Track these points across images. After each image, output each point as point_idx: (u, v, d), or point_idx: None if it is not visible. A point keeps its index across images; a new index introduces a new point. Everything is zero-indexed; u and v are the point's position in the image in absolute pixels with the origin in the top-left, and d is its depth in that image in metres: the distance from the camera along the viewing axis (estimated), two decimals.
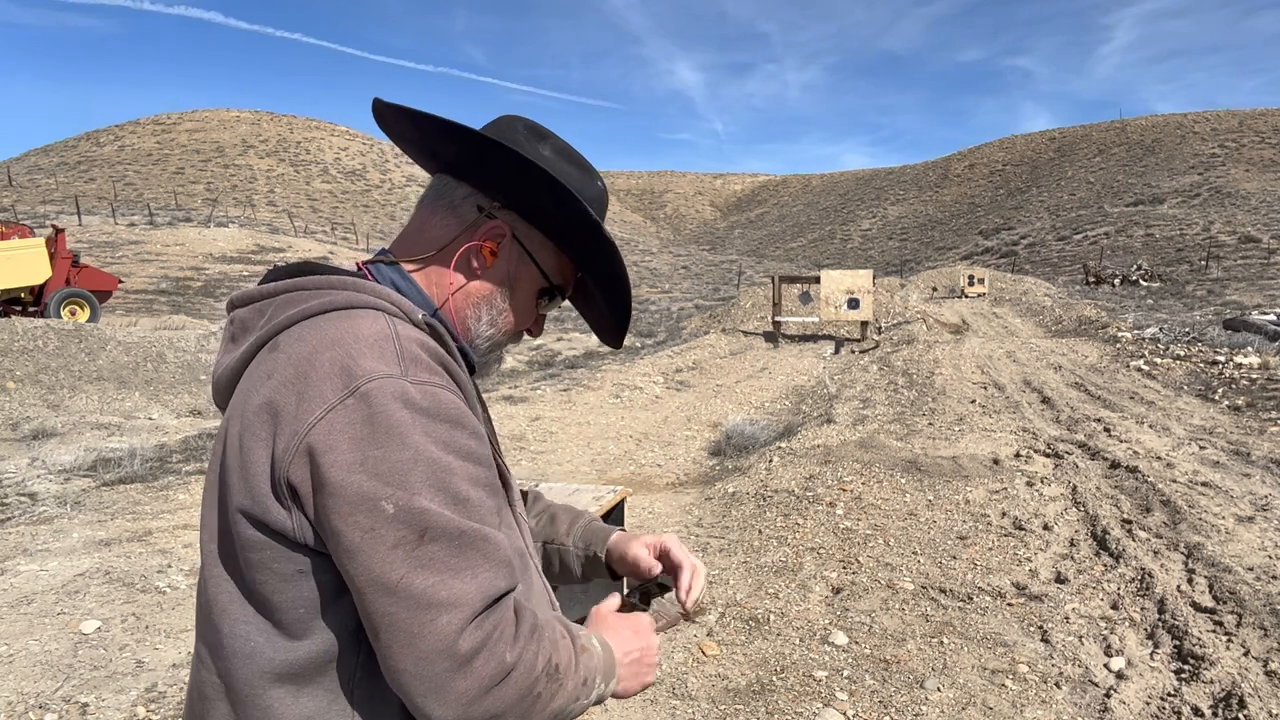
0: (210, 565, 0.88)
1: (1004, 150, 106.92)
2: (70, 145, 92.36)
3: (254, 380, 0.86)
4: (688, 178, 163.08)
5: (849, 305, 17.31)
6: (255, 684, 0.84)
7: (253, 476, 0.82)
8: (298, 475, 0.79)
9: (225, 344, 0.96)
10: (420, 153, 1.06)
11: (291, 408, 0.80)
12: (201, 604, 0.90)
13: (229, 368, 0.93)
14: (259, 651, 0.84)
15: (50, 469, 6.90)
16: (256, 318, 0.93)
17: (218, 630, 0.86)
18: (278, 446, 0.80)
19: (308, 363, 0.82)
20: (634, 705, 3.17)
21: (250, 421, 0.83)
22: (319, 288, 0.91)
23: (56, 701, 3.13)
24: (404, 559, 0.78)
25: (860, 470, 6.25)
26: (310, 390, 0.80)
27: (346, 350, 0.82)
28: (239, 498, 0.82)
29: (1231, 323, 17.90)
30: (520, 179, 0.97)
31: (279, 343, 0.87)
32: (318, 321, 0.87)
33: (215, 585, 0.87)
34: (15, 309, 15.10)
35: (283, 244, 37.61)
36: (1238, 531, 4.86)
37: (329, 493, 0.78)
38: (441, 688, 0.78)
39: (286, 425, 0.80)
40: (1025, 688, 3.24)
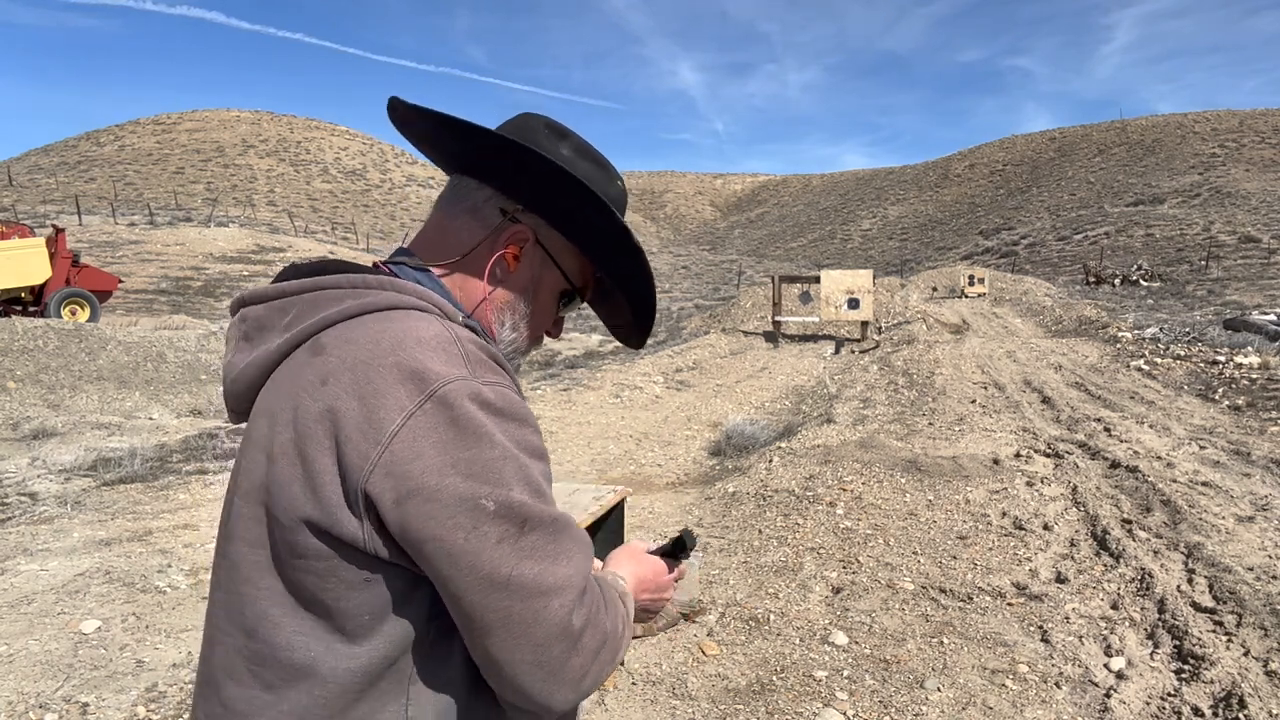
0: (256, 578, 0.84)
1: (1004, 150, 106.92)
2: (70, 145, 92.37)
3: (301, 384, 0.83)
4: (688, 177, 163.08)
5: (849, 305, 17.31)
6: (313, 695, 0.82)
7: (321, 487, 0.79)
8: (378, 487, 0.77)
9: (236, 344, 0.93)
10: (439, 153, 1.04)
11: (359, 416, 0.78)
12: (242, 619, 0.85)
13: (252, 368, 0.89)
14: (320, 660, 0.82)
15: (50, 469, 6.90)
16: (276, 317, 0.90)
17: (270, 643, 0.83)
18: (350, 457, 0.78)
19: (370, 368, 0.80)
20: (634, 705, 3.17)
21: (309, 430, 0.80)
22: (354, 286, 0.88)
23: (57, 701, 3.13)
24: (510, 552, 0.79)
25: (860, 470, 6.25)
26: (381, 398, 0.78)
27: (411, 354, 0.80)
28: (304, 508, 0.80)
29: (1232, 323, 17.90)
30: (546, 183, 0.96)
31: (323, 345, 0.84)
32: (365, 323, 0.84)
33: (266, 599, 0.83)
34: (15, 309, 15.10)
35: (283, 244, 37.61)
36: (1238, 531, 4.86)
37: (424, 499, 0.77)
38: (559, 670, 0.81)
39: (358, 434, 0.78)
40: (1025, 688, 3.24)
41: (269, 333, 0.90)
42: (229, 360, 0.93)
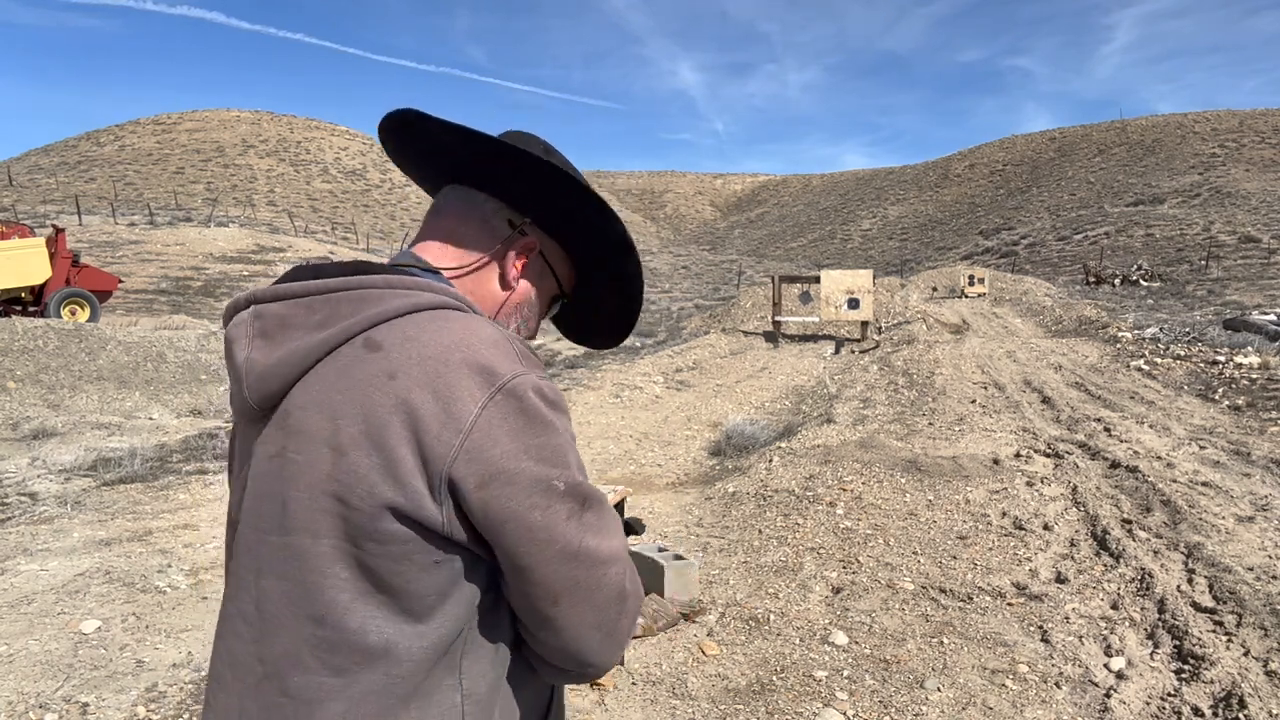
0: (324, 567, 0.86)
1: (1004, 150, 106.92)
2: (70, 145, 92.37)
3: (363, 379, 0.86)
4: (688, 177, 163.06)
5: (849, 305, 17.31)
6: (386, 674, 0.86)
7: (403, 475, 0.83)
8: (461, 472, 0.83)
9: (252, 341, 0.93)
10: (445, 165, 1.07)
11: (436, 408, 0.83)
12: (309, 608, 0.86)
13: (288, 364, 0.90)
14: (393, 641, 0.86)
15: (50, 469, 6.90)
16: (303, 314, 0.91)
17: (342, 629, 0.85)
18: (432, 446, 0.83)
19: (440, 363, 0.85)
20: (634, 705, 3.17)
21: (385, 421, 0.83)
22: (393, 287, 0.91)
23: (57, 701, 3.13)
24: (577, 527, 0.88)
25: (860, 470, 6.25)
26: (455, 390, 0.84)
27: (476, 351, 0.87)
28: (386, 495, 0.83)
29: (1231, 323, 17.90)
30: (565, 199, 1.04)
31: (379, 342, 0.87)
32: (419, 321, 0.89)
33: (336, 586, 0.85)
34: (15, 309, 15.10)
35: (283, 244, 37.61)
36: (1238, 531, 4.86)
37: (504, 482, 0.84)
38: (614, 631, 0.93)
39: (437, 425, 0.83)
40: (1025, 688, 3.24)
41: (295, 330, 0.91)
42: (247, 357, 0.92)
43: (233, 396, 0.98)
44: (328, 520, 0.85)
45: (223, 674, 0.93)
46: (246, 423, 0.97)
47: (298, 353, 0.90)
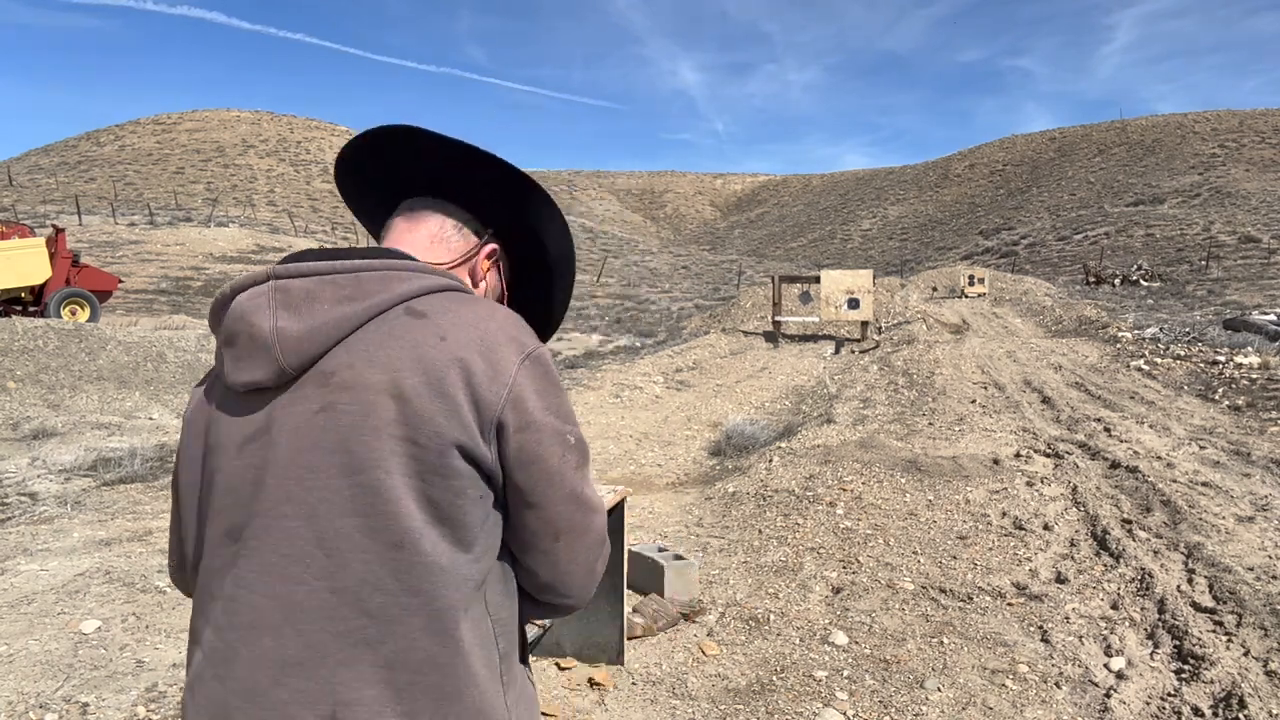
0: (400, 498, 0.96)
1: (1004, 150, 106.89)
2: (70, 145, 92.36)
3: (415, 340, 0.99)
4: (688, 177, 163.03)
5: (849, 305, 17.31)
6: (450, 594, 0.98)
7: (464, 417, 0.97)
8: (507, 417, 0.99)
9: (277, 312, 1.00)
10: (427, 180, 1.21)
11: (485, 365, 0.99)
12: (388, 535, 0.96)
13: (329, 329, 0.99)
14: (454, 566, 0.99)
15: (50, 469, 6.90)
16: (328, 290, 1.01)
17: (419, 551, 0.96)
18: (485, 395, 0.98)
19: (482, 330, 1.01)
20: (634, 705, 3.17)
21: (444, 374, 0.97)
22: (412, 270, 1.05)
23: (57, 701, 3.13)
24: (580, 476, 1.06)
25: (860, 470, 6.25)
26: (496, 354, 1.00)
27: (503, 324, 1.04)
28: (453, 434, 0.97)
29: (1232, 323, 17.90)
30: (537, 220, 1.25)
31: (422, 312, 1.01)
32: (447, 297, 1.05)
33: (409, 516, 0.96)
34: (15, 309, 15.09)
35: (283, 243, 37.61)
36: (1238, 531, 4.86)
37: (535, 429, 1.01)
38: (593, 570, 1.10)
39: (487, 379, 0.99)
40: (1025, 688, 3.24)
41: (322, 303, 1.00)
42: (275, 326, 1.00)
43: (228, 371, 1.03)
44: (397, 459, 0.96)
45: (254, 623, 0.98)
46: (243, 397, 1.03)
47: (338, 319, 1.00)
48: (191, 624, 1.07)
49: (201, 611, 1.04)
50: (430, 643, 0.97)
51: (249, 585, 0.99)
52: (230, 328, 1.03)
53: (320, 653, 0.96)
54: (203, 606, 1.04)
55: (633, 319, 26.42)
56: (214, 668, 1.00)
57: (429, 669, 0.97)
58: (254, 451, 1.01)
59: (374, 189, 1.26)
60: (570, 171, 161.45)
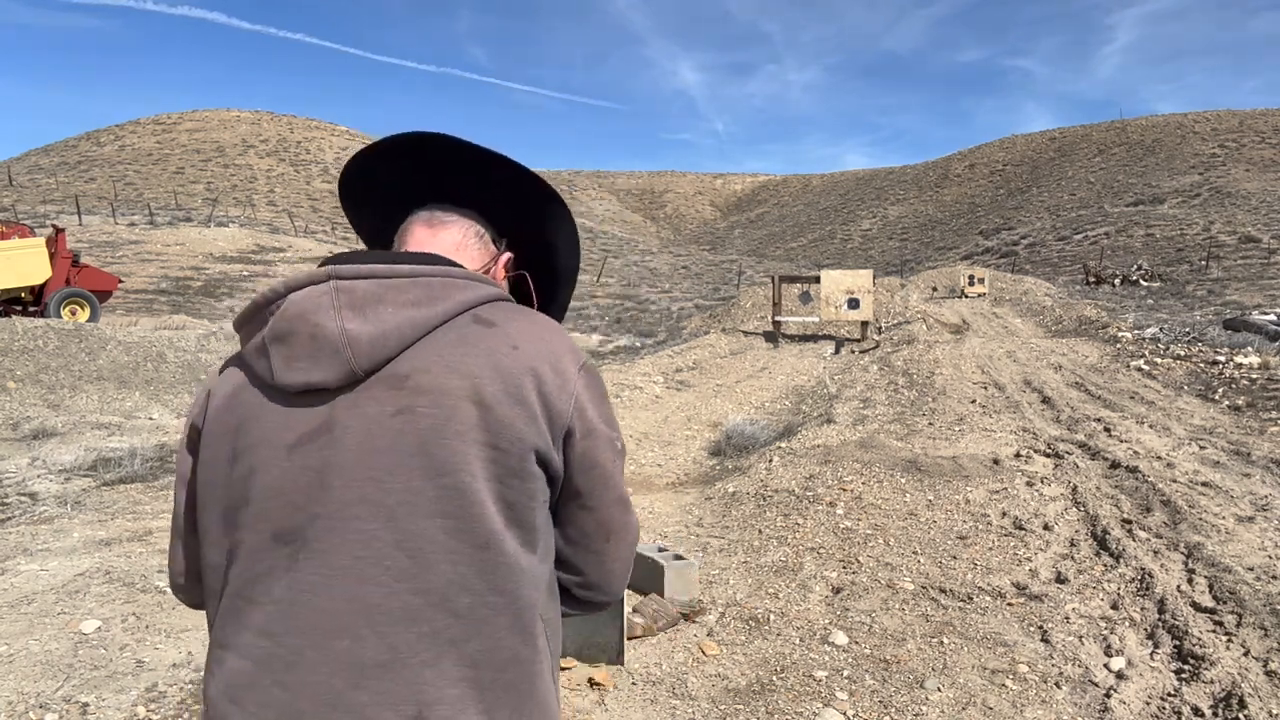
0: (485, 501, 0.98)
1: (1004, 150, 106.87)
2: (70, 145, 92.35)
3: (488, 348, 1.02)
4: (688, 177, 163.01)
5: (849, 305, 17.31)
6: (531, 593, 1.02)
7: (540, 424, 1.01)
8: (575, 424, 1.05)
9: (342, 312, 1.00)
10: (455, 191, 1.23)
11: (554, 374, 1.04)
12: (474, 537, 0.98)
13: (400, 331, 1.00)
14: (531, 566, 1.02)
15: (50, 469, 6.90)
16: (393, 293, 1.02)
17: (503, 552, 0.99)
18: (556, 403, 1.03)
19: (546, 341, 1.06)
20: (634, 705, 3.17)
21: (520, 382, 1.01)
22: (469, 279, 1.08)
23: (57, 701, 3.13)
24: (622, 480, 1.13)
25: (860, 470, 6.25)
26: (561, 364, 1.05)
27: (560, 336, 1.10)
28: (532, 440, 1.01)
29: (1232, 323, 17.91)
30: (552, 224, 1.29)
31: (490, 320, 1.05)
32: (506, 307, 1.09)
33: (491, 520, 0.99)
34: (15, 309, 15.09)
35: (283, 243, 37.62)
36: (1238, 531, 4.86)
37: (595, 436, 1.07)
38: (629, 567, 1.16)
39: (557, 388, 1.03)
40: (1025, 688, 3.24)
41: (388, 306, 1.01)
42: (342, 328, 0.99)
43: (278, 370, 1.00)
44: (480, 463, 0.98)
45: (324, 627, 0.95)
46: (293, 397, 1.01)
47: (409, 323, 1.01)
48: (218, 631, 1.03)
49: (235, 618, 1.00)
50: (515, 641, 1.00)
51: (314, 589, 0.96)
52: (285, 327, 1.01)
53: (403, 654, 0.95)
54: (237, 613, 1.00)
55: (633, 319, 26.42)
56: (273, 674, 0.96)
57: (511, 667, 0.99)
58: (311, 453, 0.99)
59: (387, 194, 1.27)
60: (570, 171, 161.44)
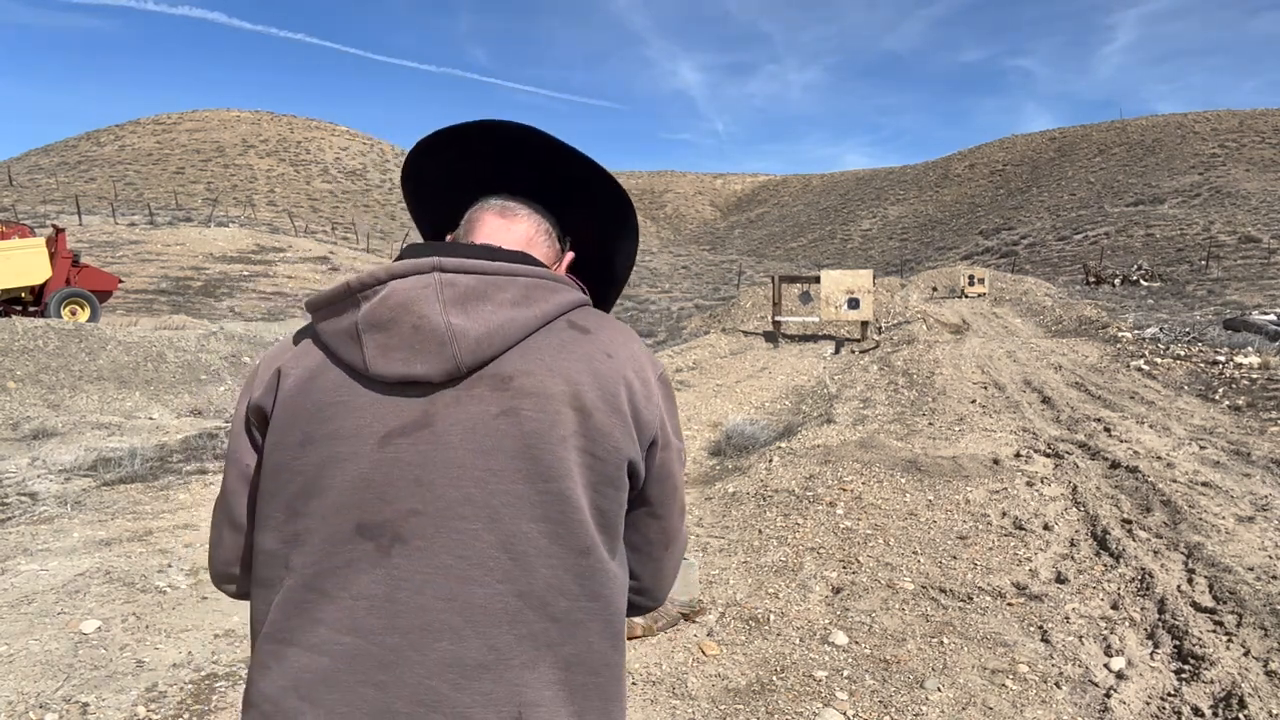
0: (583, 507, 0.99)
1: (1004, 150, 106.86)
2: (70, 145, 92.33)
3: (585, 354, 1.02)
4: (688, 177, 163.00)
5: (849, 305, 17.31)
6: (621, 598, 1.04)
7: (631, 434, 1.02)
8: (658, 435, 1.06)
9: (448, 307, 0.98)
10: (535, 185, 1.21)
11: (641, 385, 1.05)
12: (575, 542, 0.99)
13: (505, 331, 1.00)
14: (617, 574, 1.04)
15: (50, 469, 6.90)
16: (493, 290, 1.01)
17: (599, 558, 1.00)
18: (644, 414, 1.04)
19: (632, 350, 1.08)
20: (634, 705, 3.17)
21: (615, 391, 1.02)
22: (559, 281, 1.08)
23: (57, 701, 3.13)
24: (683, 488, 1.15)
25: (860, 470, 6.25)
26: (645, 372, 1.07)
27: (641, 345, 1.11)
28: (627, 450, 1.02)
29: (1232, 323, 17.90)
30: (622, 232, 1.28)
31: (585, 326, 1.06)
32: (592, 313, 1.10)
33: (590, 527, 1.00)
34: (15, 309, 15.10)
35: (283, 243, 37.61)
36: (1238, 531, 4.86)
37: (670, 447, 1.09)
38: (677, 572, 1.19)
39: (644, 399, 1.04)
40: (1025, 688, 3.24)
41: (488, 304, 1.00)
42: (448, 322, 0.97)
43: (372, 359, 0.97)
44: (579, 469, 0.99)
45: (425, 626, 0.93)
46: (388, 387, 0.98)
47: (514, 323, 1.01)
48: (276, 625, 0.97)
49: (303, 611, 0.95)
50: (606, 645, 1.01)
51: (416, 587, 0.93)
52: (385, 314, 0.98)
53: (504, 655, 0.94)
54: (308, 606, 0.95)
55: (633, 319, 26.42)
56: (362, 673, 0.92)
57: (603, 670, 1.01)
58: (407, 447, 0.96)
59: (460, 179, 1.24)
60: None
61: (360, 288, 1.00)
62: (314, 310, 1.04)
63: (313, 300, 1.06)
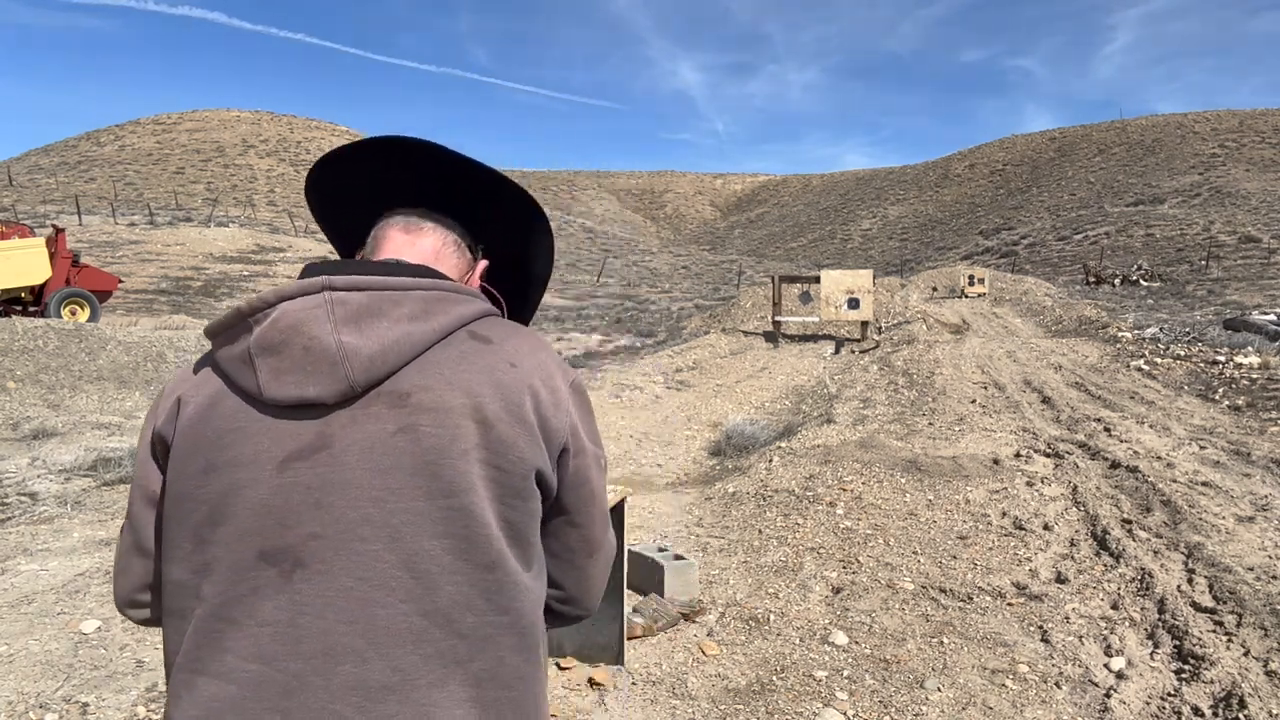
0: (490, 521, 0.98)
1: (1004, 150, 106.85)
2: (70, 145, 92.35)
3: (487, 365, 1.01)
4: (688, 177, 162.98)
5: (849, 305, 17.31)
6: (533, 611, 1.03)
7: (539, 444, 1.01)
8: (569, 443, 1.05)
9: (339, 326, 0.97)
10: (436, 197, 1.20)
11: (549, 393, 1.04)
12: (482, 557, 0.97)
13: (400, 346, 0.98)
14: (531, 585, 1.03)
15: (50, 469, 6.90)
16: (389, 306, 1.00)
17: (508, 571, 0.99)
18: (552, 422, 1.03)
19: (539, 358, 1.06)
20: (634, 705, 3.17)
21: (519, 400, 1.00)
22: (460, 293, 1.07)
23: (57, 701, 3.13)
24: (605, 496, 1.13)
25: (860, 470, 6.25)
26: (554, 380, 1.06)
27: (550, 352, 1.10)
28: (534, 460, 1.01)
29: (1232, 322, 17.91)
30: (535, 236, 1.27)
31: (487, 336, 1.04)
32: (496, 323, 1.09)
33: (496, 541, 0.98)
34: (15, 309, 15.09)
35: (283, 244, 37.61)
36: (1238, 531, 4.86)
37: (585, 454, 1.08)
38: (606, 580, 1.18)
39: (552, 407, 1.03)
40: (1025, 688, 3.24)
41: (384, 320, 0.99)
42: (340, 341, 0.96)
43: (265, 384, 0.96)
44: (483, 483, 0.98)
45: (328, 650, 0.92)
46: (281, 411, 0.97)
47: (408, 339, 0.99)
48: (188, 655, 0.96)
49: (212, 640, 0.95)
50: (518, 659, 1.00)
51: (317, 611, 0.93)
52: (276, 337, 0.96)
53: (410, 676, 0.93)
54: (214, 635, 0.95)
55: (633, 319, 26.41)
56: (268, 700, 0.92)
57: (516, 684, 1.00)
58: (305, 470, 0.95)
59: (359, 195, 1.23)
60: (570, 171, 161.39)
61: (250, 312, 0.99)
62: (212, 337, 1.03)
63: (210, 326, 1.04)
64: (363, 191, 1.22)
